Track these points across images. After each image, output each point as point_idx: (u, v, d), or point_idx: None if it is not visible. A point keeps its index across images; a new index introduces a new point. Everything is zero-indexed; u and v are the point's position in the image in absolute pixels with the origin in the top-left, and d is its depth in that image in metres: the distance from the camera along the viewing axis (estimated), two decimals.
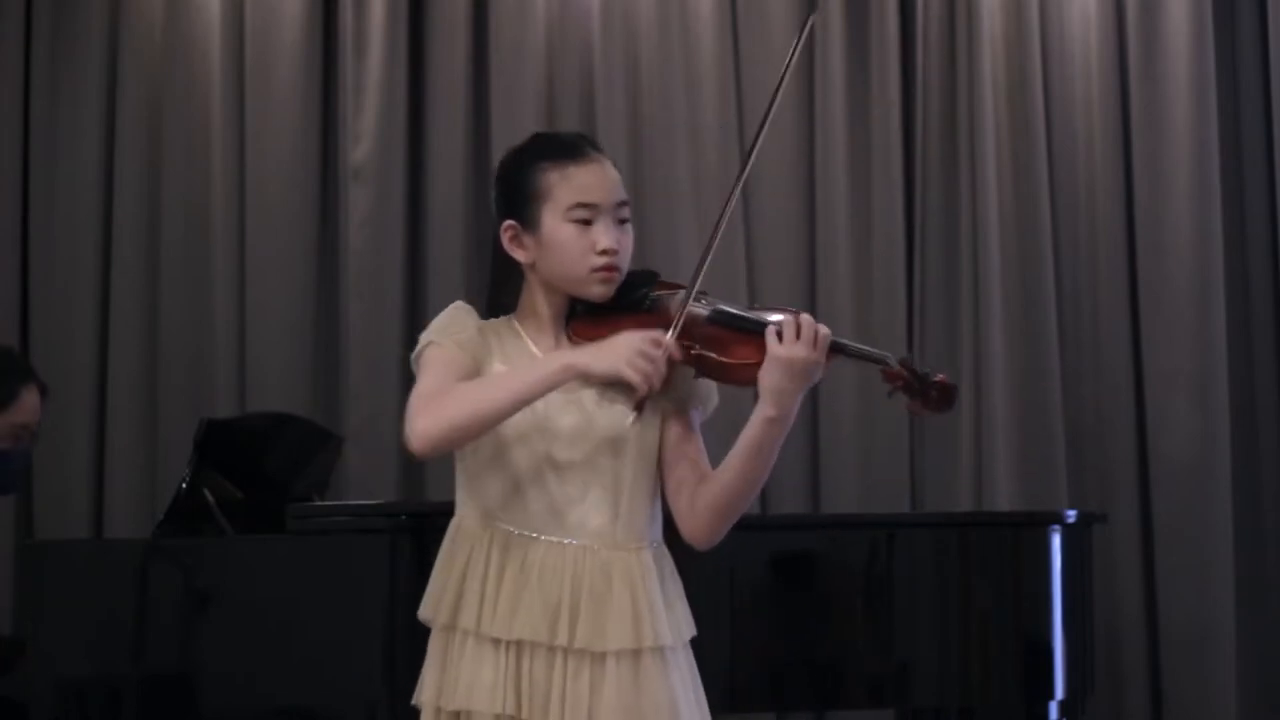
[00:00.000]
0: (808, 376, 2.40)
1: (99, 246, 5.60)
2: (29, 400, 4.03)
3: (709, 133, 5.60)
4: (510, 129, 5.54)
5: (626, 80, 5.64)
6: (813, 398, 5.29)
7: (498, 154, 6.04)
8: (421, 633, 2.52)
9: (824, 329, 2.40)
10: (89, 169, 5.60)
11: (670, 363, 2.43)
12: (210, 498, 4.15)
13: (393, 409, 5.49)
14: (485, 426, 2.41)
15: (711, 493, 2.47)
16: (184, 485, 4.12)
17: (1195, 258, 5.48)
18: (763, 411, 2.41)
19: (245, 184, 5.57)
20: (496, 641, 2.43)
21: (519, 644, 2.43)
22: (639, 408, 2.40)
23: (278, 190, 5.57)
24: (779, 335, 2.38)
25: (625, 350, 2.36)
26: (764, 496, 5.42)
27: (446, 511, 2.55)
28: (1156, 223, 5.52)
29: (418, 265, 5.62)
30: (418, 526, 3.72)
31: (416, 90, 5.67)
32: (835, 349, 2.42)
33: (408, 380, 5.99)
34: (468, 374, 2.45)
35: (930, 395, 2.49)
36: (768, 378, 2.39)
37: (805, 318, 2.39)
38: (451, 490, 2.52)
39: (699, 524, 2.50)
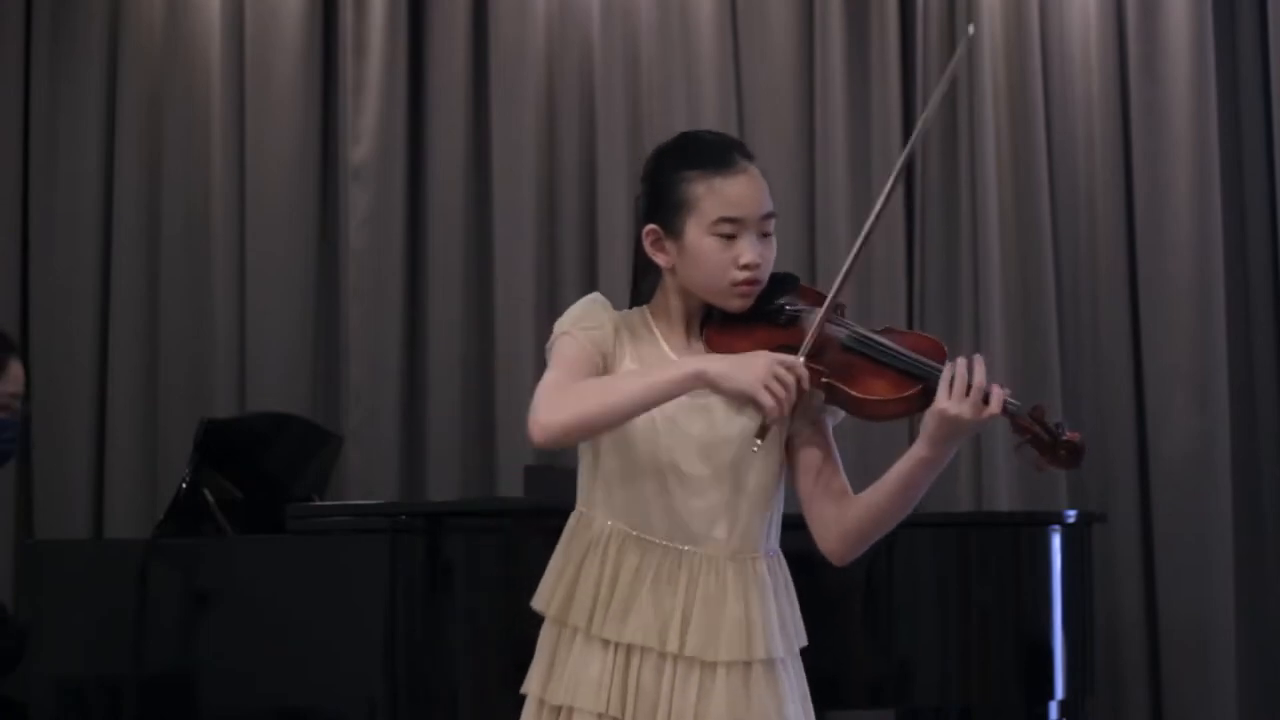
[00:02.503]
0: (966, 434, 2.40)
1: (99, 246, 5.60)
2: (15, 370, 4.02)
3: None
4: (510, 129, 5.56)
5: (626, 80, 5.64)
6: None
7: (498, 154, 6.11)
8: (421, 632, 2.52)
9: (998, 390, 2.36)
10: (89, 169, 5.60)
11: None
12: (210, 498, 4.15)
13: (393, 409, 5.50)
14: (609, 424, 2.39)
15: (855, 516, 2.48)
16: (184, 485, 4.11)
17: (1195, 258, 5.47)
18: (919, 451, 2.43)
19: (245, 184, 5.57)
20: (606, 642, 2.42)
21: (629, 647, 2.42)
22: (763, 434, 2.35)
23: (278, 190, 5.57)
24: (950, 387, 2.34)
25: (763, 370, 2.31)
26: None
27: (447, 512, 2.55)
28: (1156, 223, 5.51)
29: (418, 265, 5.62)
30: (418, 526, 3.72)
31: (416, 90, 5.67)
32: (1006, 412, 2.36)
33: (408, 380, 6.02)
34: (596, 369, 2.43)
35: (1059, 454, 2.43)
36: (929, 422, 2.38)
37: (980, 371, 2.35)
38: (450, 491, 2.52)
39: (839, 543, 2.50)
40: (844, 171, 5.59)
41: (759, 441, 2.35)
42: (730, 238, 2.43)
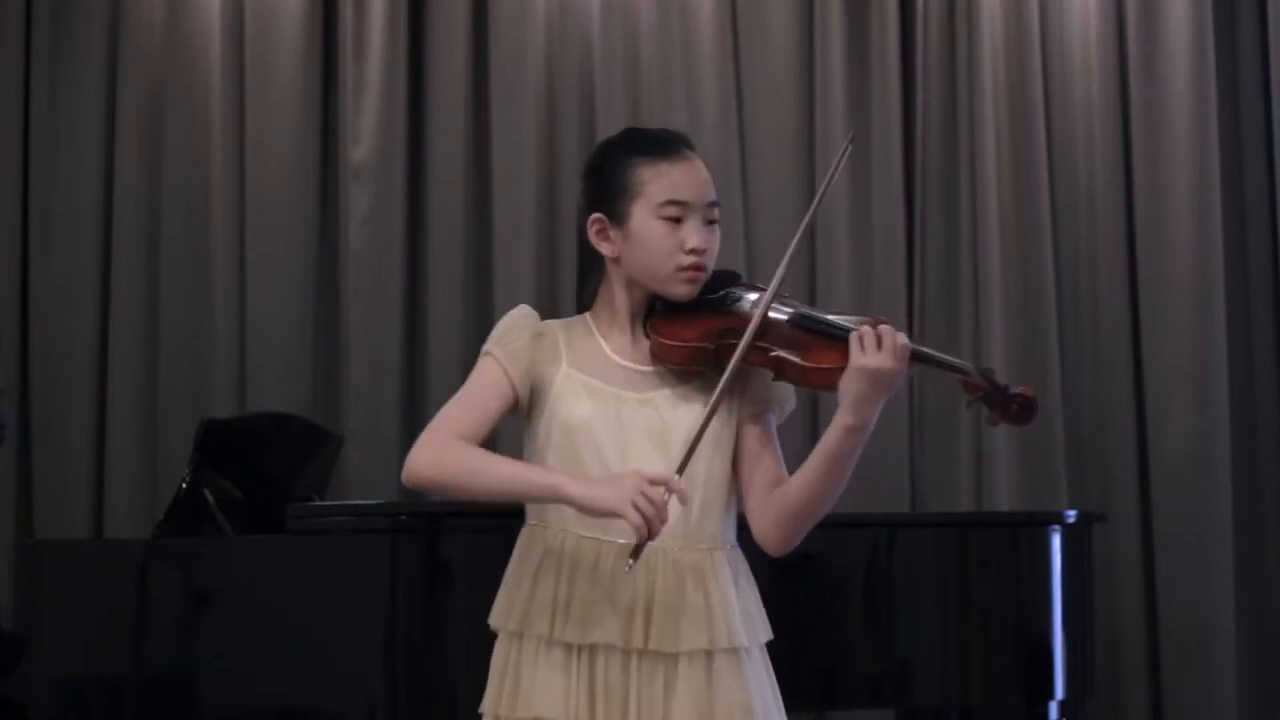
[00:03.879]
0: (890, 386, 2.39)
1: (99, 246, 5.60)
2: None
3: (709, 133, 5.59)
4: (510, 129, 5.56)
5: (626, 80, 5.64)
6: (812, 398, 5.29)
7: (498, 154, 6.10)
8: (420, 632, 2.52)
9: (903, 338, 2.39)
10: (89, 169, 5.60)
11: (748, 365, 2.42)
12: (210, 498, 4.15)
13: (393, 409, 5.50)
14: (469, 495, 2.45)
15: (787, 499, 2.46)
16: (184, 485, 4.11)
17: (1195, 258, 5.48)
18: (842, 420, 2.40)
19: (245, 184, 5.57)
20: (569, 647, 2.42)
21: (592, 648, 2.42)
22: (635, 553, 2.33)
23: (278, 190, 5.57)
24: (861, 343, 2.37)
25: (630, 489, 2.30)
26: None
27: (447, 512, 2.55)
28: (1156, 223, 5.52)
29: (418, 265, 5.62)
30: (418, 527, 3.72)
31: (416, 90, 5.67)
32: (916, 358, 2.41)
33: (408, 380, 6.02)
34: (503, 400, 2.47)
35: (1011, 408, 2.47)
36: (850, 386, 2.38)
37: (885, 327, 2.38)
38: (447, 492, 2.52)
39: (773, 530, 2.49)
40: (844, 171, 5.58)
41: (631, 561, 2.34)
42: (677, 221, 2.47)
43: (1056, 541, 4.15)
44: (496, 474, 2.41)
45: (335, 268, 5.60)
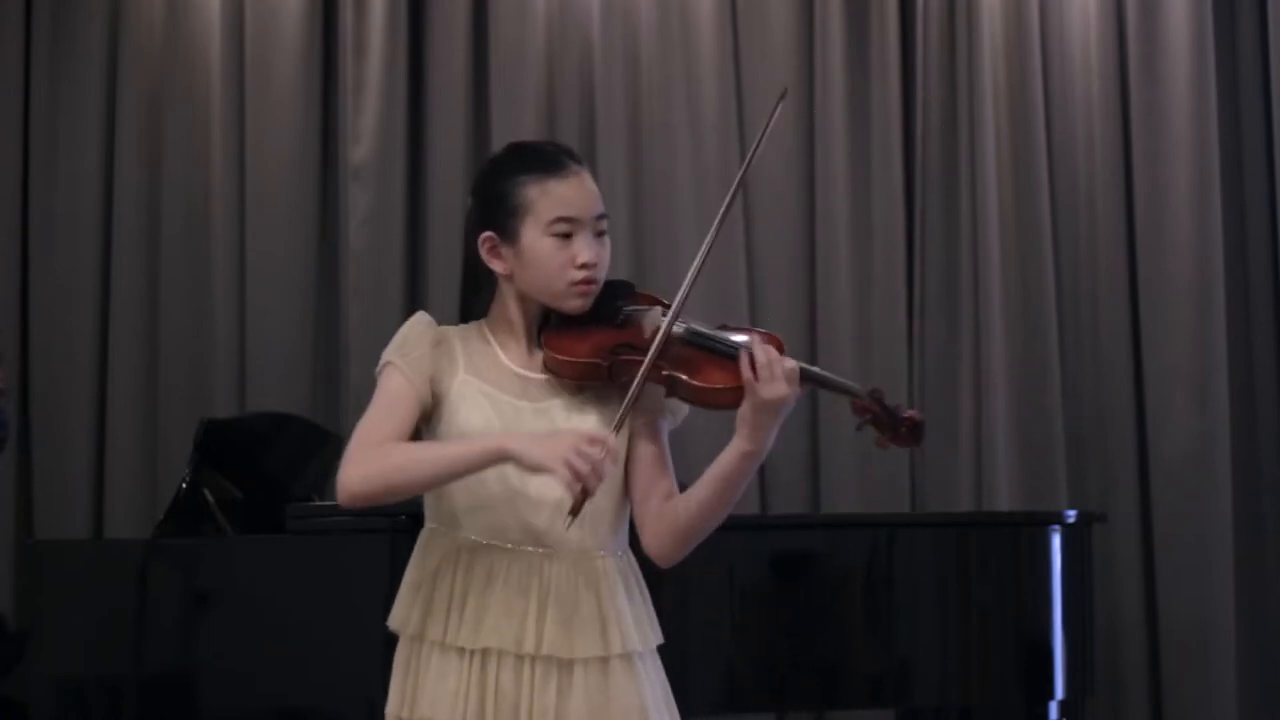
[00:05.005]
0: (784, 411, 2.39)
1: (99, 246, 5.60)
2: None
3: (709, 133, 5.60)
4: (510, 129, 5.55)
5: (626, 80, 5.64)
6: (813, 398, 5.29)
7: None
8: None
9: (790, 363, 2.39)
10: (89, 169, 5.60)
11: (642, 381, 2.41)
12: (210, 498, 4.15)
13: None
14: (410, 492, 2.44)
15: (677, 515, 2.46)
16: (184, 485, 4.11)
17: (1195, 258, 5.47)
18: (738, 446, 2.40)
19: (245, 184, 5.57)
20: (461, 651, 2.43)
21: (484, 653, 2.43)
22: (575, 511, 2.33)
23: (278, 190, 5.57)
24: (754, 370, 2.36)
25: (565, 448, 2.30)
26: (763, 496, 5.42)
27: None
28: (1156, 223, 5.52)
29: (418, 265, 5.62)
30: (417, 527, 3.71)
31: (416, 90, 5.67)
32: (806, 378, 2.42)
33: None
34: (417, 402, 2.46)
35: (900, 431, 2.47)
36: (747, 415, 2.38)
37: (773, 354, 2.38)
38: None
39: (661, 543, 2.49)
40: (844, 171, 5.59)
41: (570, 518, 2.35)
42: (566, 237, 2.47)
43: (1056, 541, 4.15)
44: (432, 459, 2.42)
45: (335, 268, 5.60)
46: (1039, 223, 5.52)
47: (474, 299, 2.60)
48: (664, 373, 2.44)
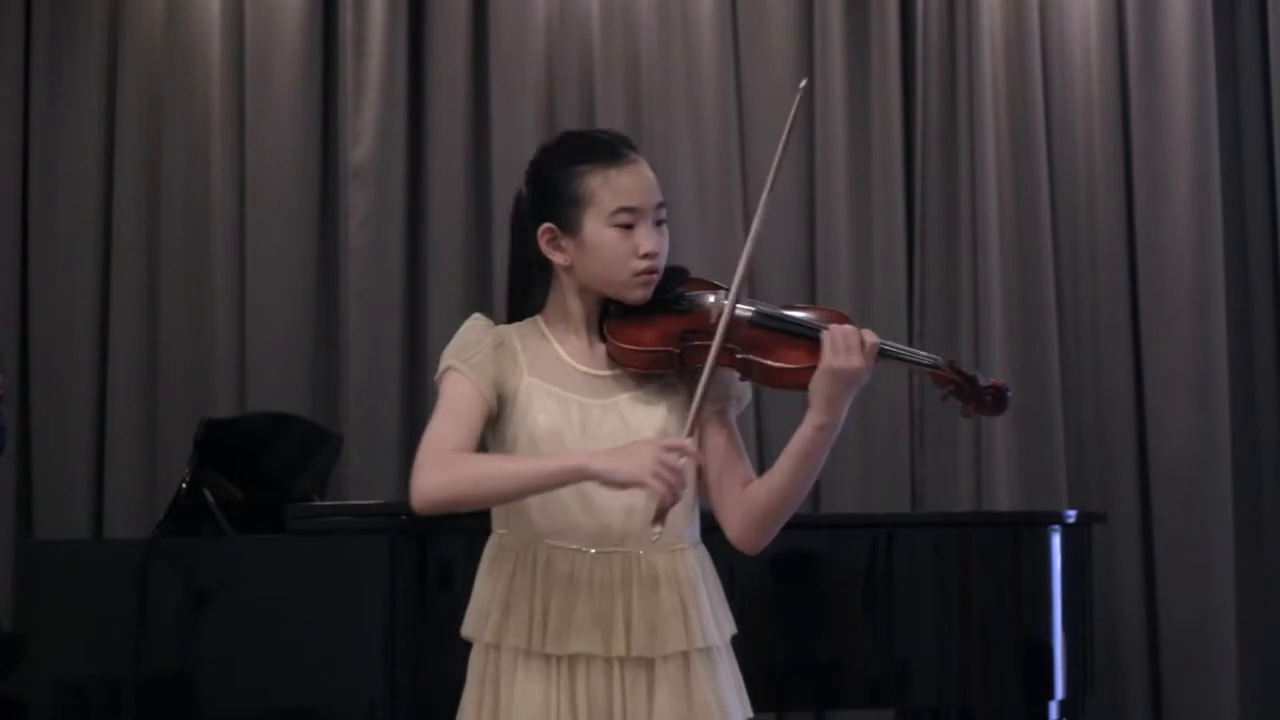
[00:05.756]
0: (859, 383, 2.39)
1: (99, 246, 5.60)
2: None
3: (709, 133, 5.60)
4: (510, 129, 5.56)
5: (626, 80, 5.64)
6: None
7: (498, 154, 6.09)
8: (421, 632, 2.52)
9: (871, 336, 2.39)
10: (89, 169, 5.60)
11: (714, 367, 2.40)
12: (210, 498, 4.15)
13: (393, 409, 5.50)
14: (487, 504, 2.41)
15: (758, 497, 2.45)
16: (184, 485, 4.11)
17: (1195, 258, 5.47)
18: (813, 419, 2.40)
19: (245, 184, 5.58)
20: (548, 657, 2.41)
21: (572, 659, 2.41)
22: (660, 518, 2.33)
23: (278, 190, 5.57)
24: (833, 344, 2.37)
25: (648, 460, 2.29)
26: None
27: (446, 512, 2.53)
28: (1156, 223, 5.52)
29: (418, 265, 5.62)
30: (418, 527, 3.72)
31: (416, 90, 5.67)
32: (884, 354, 2.42)
33: (408, 380, 6.01)
34: (484, 407, 2.42)
35: (985, 399, 2.47)
36: (821, 387, 2.38)
37: (850, 327, 2.38)
38: None
39: (745, 531, 2.48)
40: (844, 171, 5.59)
41: (657, 528, 2.34)
42: (628, 228, 2.46)
43: (1056, 541, 4.15)
44: (510, 474, 2.38)
45: (335, 268, 5.60)
46: (1039, 223, 5.52)
47: (526, 294, 2.54)
48: (738, 356, 2.43)
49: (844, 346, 2.37)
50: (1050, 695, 4.10)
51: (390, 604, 3.67)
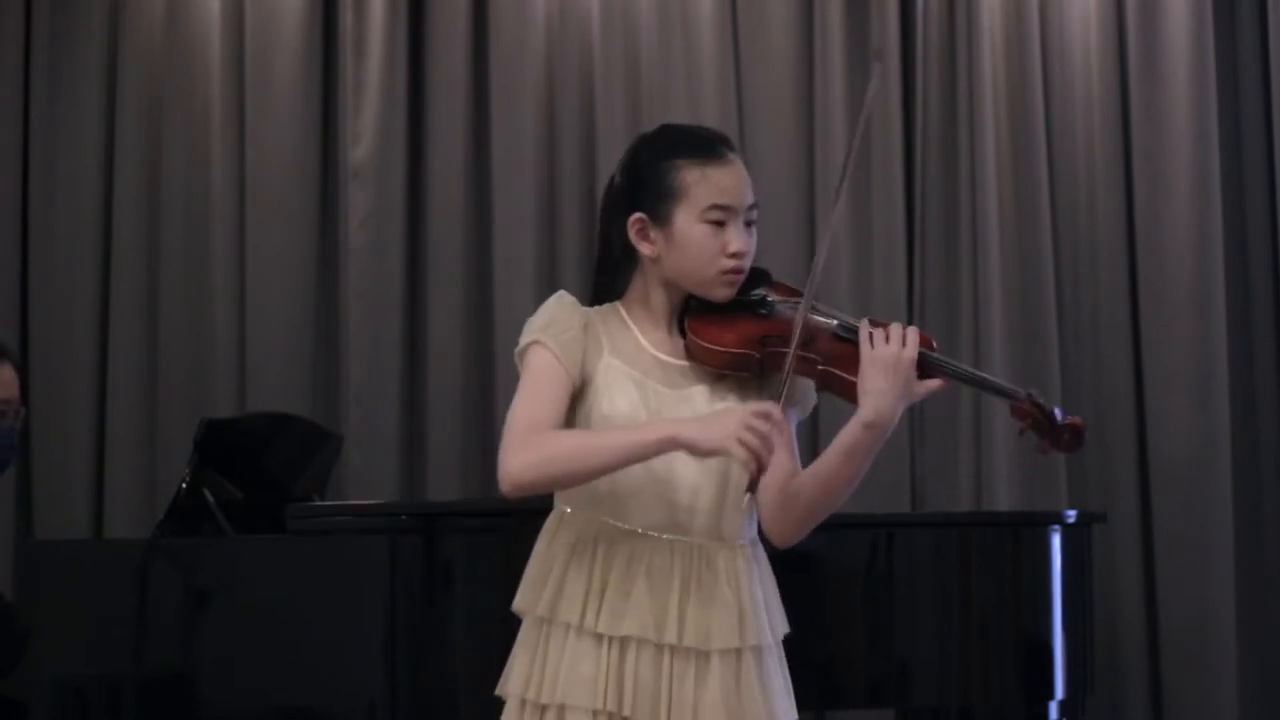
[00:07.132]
0: (903, 378, 2.38)
1: (99, 246, 5.60)
2: (5, 375, 4.01)
3: None
4: (510, 129, 5.56)
5: (626, 80, 5.64)
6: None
7: (498, 154, 6.10)
8: (421, 632, 2.52)
9: (913, 330, 2.40)
10: (89, 169, 5.60)
11: (793, 375, 2.41)
12: (210, 498, 4.15)
13: (393, 409, 5.50)
14: (578, 482, 2.40)
15: (798, 493, 2.47)
16: (184, 485, 4.11)
17: (1195, 258, 5.47)
18: (860, 416, 2.40)
19: (245, 184, 5.58)
20: (599, 637, 2.40)
21: (624, 641, 2.40)
22: (752, 486, 2.34)
23: (278, 190, 5.57)
24: (870, 338, 2.38)
25: (735, 426, 2.29)
26: None
27: (447, 512, 2.54)
28: (1156, 223, 5.51)
29: (418, 265, 5.62)
30: (418, 527, 3.72)
31: (416, 90, 5.67)
32: (965, 381, 2.46)
33: (408, 380, 6.00)
34: (569, 384, 2.42)
35: (1062, 437, 2.45)
36: (865, 380, 2.39)
37: (897, 324, 2.40)
38: (450, 491, 2.51)
39: (782, 524, 2.49)
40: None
41: (749, 495, 2.35)
42: (719, 224, 2.46)
43: (1056, 541, 4.15)
44: (602, 448, 2.36)
45: (335, 268, 5.60)
46: (1039, 223, 5.52)
47: (611, 280, 2.55)
48: (819, 368, 2.44)
49: (882, 336, 2.38)
50: (1050, 695, 4.10)
51: (390, 604, 3.67)
